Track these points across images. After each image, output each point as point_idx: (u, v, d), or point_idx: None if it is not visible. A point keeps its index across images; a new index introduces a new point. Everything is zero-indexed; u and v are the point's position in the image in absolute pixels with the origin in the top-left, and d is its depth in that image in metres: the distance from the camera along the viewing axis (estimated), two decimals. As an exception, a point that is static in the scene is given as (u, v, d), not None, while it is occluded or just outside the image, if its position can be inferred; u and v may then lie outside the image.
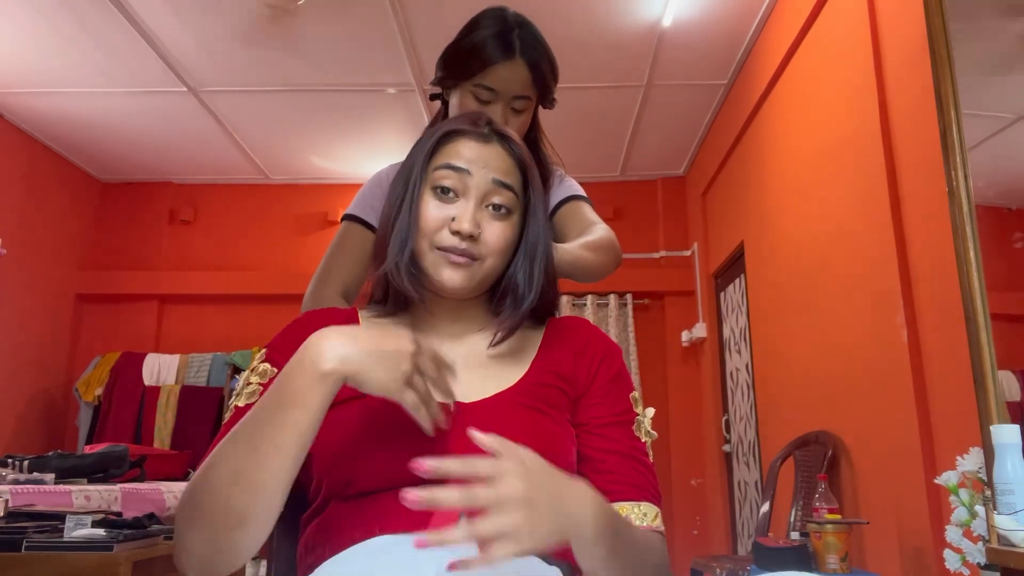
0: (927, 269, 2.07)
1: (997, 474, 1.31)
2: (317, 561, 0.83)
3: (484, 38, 1.36)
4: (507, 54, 1.35)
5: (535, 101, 1.42)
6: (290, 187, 5.07)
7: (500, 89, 1.36)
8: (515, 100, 1.37)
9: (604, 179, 4.94)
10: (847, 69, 2.55)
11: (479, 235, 0.90)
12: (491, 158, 0.93)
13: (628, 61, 3.62)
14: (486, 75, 1.35)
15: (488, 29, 1.37)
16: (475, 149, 0.93)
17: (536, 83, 1.38)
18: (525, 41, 1.36)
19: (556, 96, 1.46)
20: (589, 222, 1.41)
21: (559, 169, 1.54)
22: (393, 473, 0.82)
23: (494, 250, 0.91)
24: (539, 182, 0.98)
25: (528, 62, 1.36)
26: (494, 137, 0.96)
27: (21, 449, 4.09)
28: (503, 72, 1.35)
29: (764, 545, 2.23)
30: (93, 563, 1.83)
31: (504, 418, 0.87)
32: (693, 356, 4.73)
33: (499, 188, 0.92)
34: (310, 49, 3.53)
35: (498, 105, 1.37)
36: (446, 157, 0.93)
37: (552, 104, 1.47)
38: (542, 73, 1.38)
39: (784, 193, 3.21)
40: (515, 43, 1.35)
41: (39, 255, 4.45)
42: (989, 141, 1.75)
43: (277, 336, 0.95)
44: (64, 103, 4.03)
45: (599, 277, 1.32)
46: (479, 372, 0.92)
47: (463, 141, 0.94)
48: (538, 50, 1.38)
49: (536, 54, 1.37)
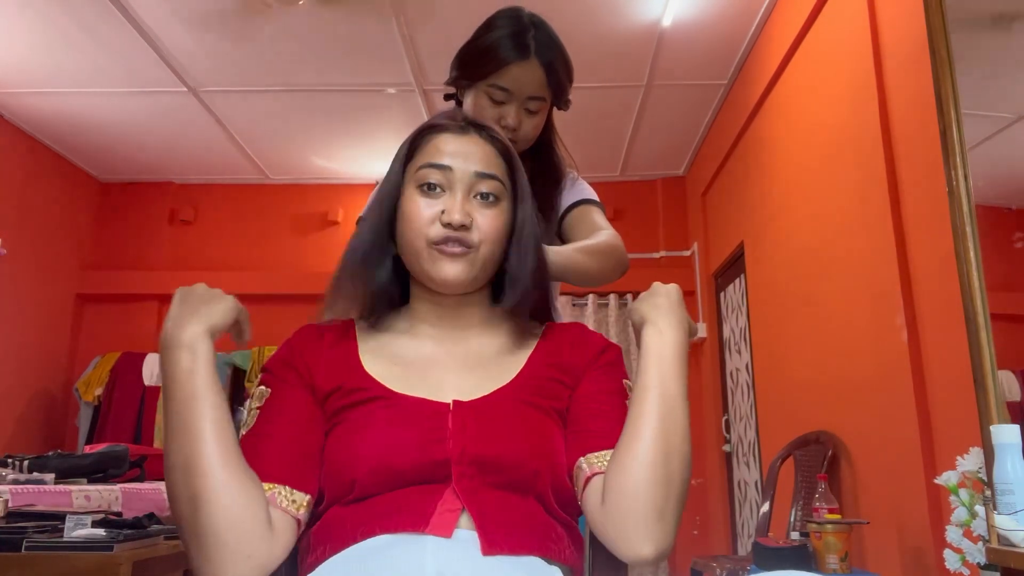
0: (927, 269, 2.07)
1: (997, 474, 1.31)
2: (317, 560, 0.83)
3: (499, 38, 1.35)
4: (522, 54, 1.34)
5: (549, 102, 1.41)
6: (290, 187, 5.07)
7: (514, 89, 1.35)
8: (529, 101, 1.36)
9: (604, 179, 4.93)
10: (847, 69, 2.55)
11: (471, 224, 0.90)
12: (471, 150, 0.93)
13: (628, 61, 3.62)
14: (500, 75, 1.35)
15: (503, 29, 1.36)
16: (454, 143, 0.94)
17: (551, 84, 1.37)
18: (540, 41, 1.35)
19: (571, 98, 1.46)
20: (596, 227, 1.39)
21: (572, 171, 1.53)
22: (395, 477, 0.82)
23: (488, 236, 0.91)
24: (522, 168, 0.98)
25: (543, 63, 1.35)
26: (471, 128, 0.96)
27: (21, 449, 4.09)
28: (517, 72, 1.34)
29: (764, 545, 2.23)
30: (93, 563, 1.83)
31: (503, 415, 0.87)
32: (693, 356, 4.73)
33: (483, 179, 0.92)
34: (310, 49, 3.53)
35: (512, 105, 1.36)
36: (427, 156, 0.93)
37: (567, 106, 1.45)
38: (557, 74, 1.37)
39: (784, 193, 3.21)
40: (530, 43, 1.34)
41: (39, 255, 4.44)
42: (989, 141, 1.75)
43: (271, 359, 0.95)
44: (64, 103, 4.03)
45: (596, 282, 1.31)
46: (478, 372, 0.92)
47: (441, 136, 0.95)
48: (553, 51, 1.37)
49: (551, 55, 1.36)
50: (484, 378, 0.91)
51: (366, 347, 0.95)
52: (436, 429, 0.84)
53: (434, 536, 0.79)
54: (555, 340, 0.98)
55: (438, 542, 0.78)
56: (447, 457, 0.82)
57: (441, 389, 0.89)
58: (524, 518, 0.83)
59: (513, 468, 0.83)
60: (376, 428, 0.85)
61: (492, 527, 0.80)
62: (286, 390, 0.90)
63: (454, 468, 0.82)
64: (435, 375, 0.91)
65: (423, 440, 0.83)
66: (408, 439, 0.83)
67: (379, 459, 0.82)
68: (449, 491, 0.82)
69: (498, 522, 0.81)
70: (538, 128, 1.41)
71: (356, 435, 0.85)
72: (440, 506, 0.81)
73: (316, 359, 0.92)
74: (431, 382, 0.90)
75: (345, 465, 0.84)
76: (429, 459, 0.82)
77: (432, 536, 0.79)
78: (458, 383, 0.90)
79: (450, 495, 0.82)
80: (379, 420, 0.85)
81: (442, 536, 0.79)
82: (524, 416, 0.88)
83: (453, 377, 0.91)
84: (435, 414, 0.85)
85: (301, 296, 4.31)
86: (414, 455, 0.82)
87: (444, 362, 0.93)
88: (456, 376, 0.91)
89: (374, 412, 0.86)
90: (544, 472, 0.85)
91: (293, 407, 0.88)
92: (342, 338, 0.96)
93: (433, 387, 0.89)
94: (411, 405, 0.86)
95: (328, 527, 0.84)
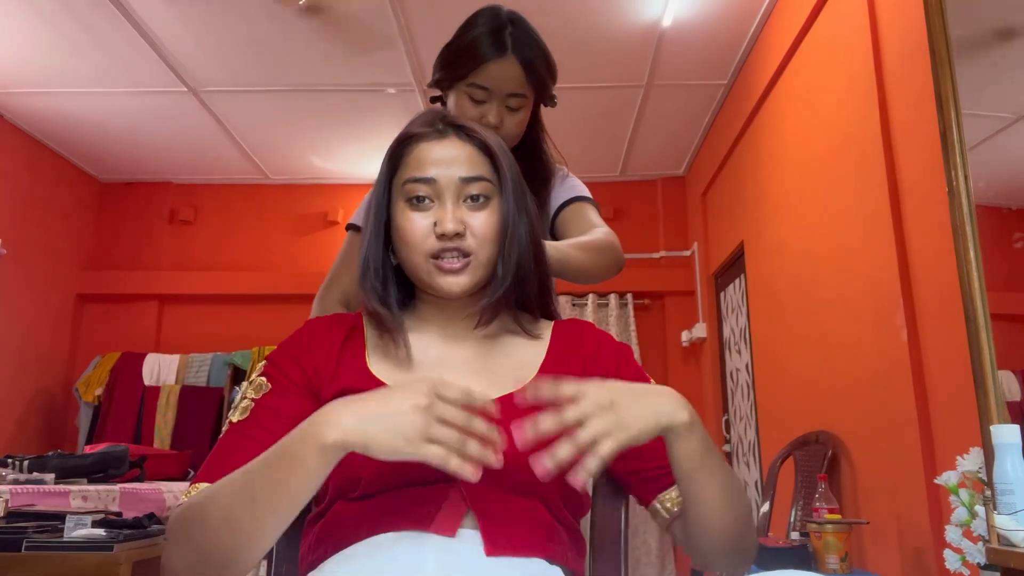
0: (927, 269, 2.06)
1: (997, 474, 1.31)
2: (321, 558, 0.83)
3: (476, 36, 1.35)
4: (499, 51, 1.33)
5: (532, 99, 1.40)
6: (290, 187, 5.07)
7: (493, 87, 1.35)
8: (509, 98, 1.36)
9: (604, 179, 4.93)
10: (847, 69, 2.55)
11: (464, 231, 0.90)
12: (454, 155, 0.92)
13: (628, 61, 3.62)
14: (479, 74, 1.34)
15: (481, 28, 1.35)
16: (435, 150, 0.93)
17: (531, 81, 1.36)
18: (517, 38, 1.35)
19: (556, 94, 1.45)
20: (591, 225, 1.39)
21: (563, 168, 1.52)
22: (401, 473, 0.82)
23: (484, 239, 0.91)
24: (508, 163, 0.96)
25: (521, 59, 1.34)
26: (450, 131, 0.95)
27: (21, 449, 4.09)
28: (495, 70, 1.34)
29: (764, 545, 2.23)
30: (93, 563, 1.83)
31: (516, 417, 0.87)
32: (693, 356, 4.73)
33: (470, 182, 0.92)
34: (310, 49, 3.53)
35: (493, 104, 1.35)
36: (410, 170, 0.93)
37: (553, 102, 1.45)
38: (536, 70, 1.36)
39: (784, 193, 3.21)
40: (507, 40, 1.34)
41: (39, 255, 4.44)
42: (989, 141, 1.75)
43: (278, 348, 0.94)
44: (64, 103, 4.03)
45: (593, 279, 1.31)
46: (484, 375, 0.92)
47: (420, 146, 0.94)
48: (531, 47, 1.36)
49: (529, 51, 1.35)
50: (492, 383, 0.90)
51: (373, 346, 0.94)
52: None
53: (437, 535, 0.79)
54: (569, 351, 0.97)
55: (441, 541, 0.78)
56: None
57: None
58: (528, 520, 0.83)
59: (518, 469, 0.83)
60: None
61: (495, 528, 0.80)
62: (285, 394, 0.89)
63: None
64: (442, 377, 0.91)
65: None
66: None
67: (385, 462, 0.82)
68: (454, 490, 0.82)
69: (502, 523, 0.81)
70: (521, 125, 1.40)
71: None
72: (445, 505, 0.81)
73: (324, 359, 0.91)
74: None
75: (351, 467, 0.83)
76: None
77: (435, 535, 0.79)
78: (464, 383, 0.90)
79: (455, 494, 0.82)
80: None
81: (446, 535, 0.79)
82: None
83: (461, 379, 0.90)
84: None
85: (300, 296, 4.31)
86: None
87: (451, 363, 0.93)
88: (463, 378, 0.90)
89: None
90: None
91: (288, 414, 0.86)
92: (351, 335, 0.95)
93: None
94: None
95: (332, 525, 0.84)
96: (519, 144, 1.43)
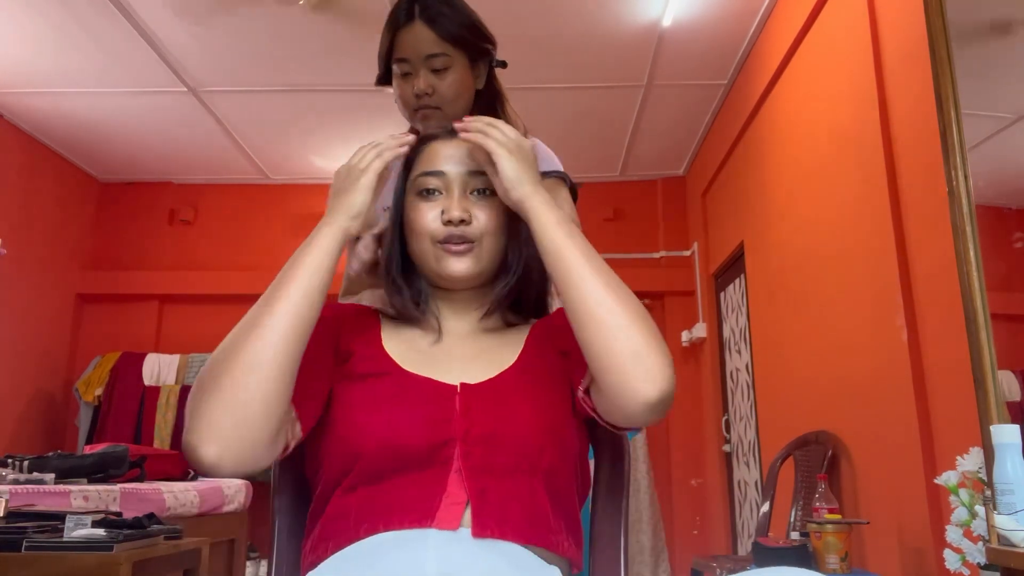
0: (927, 269, 2.06)
1: (997, 474, 1.31)
2: (321, 557, 0.83)
3: (388, 18, 1.39)
4: (407, 19, 1.37)
5: (461, 59, 1.39)
6: (290, 187, 5.07)
7: (410, 55, 1.37)
8: (429, 60, 1.37)
9: (604, 179, 4.93)
10: (847, 69, 2.55)
11: (470, 219, 0.95)
12: (462, 154, 0.99)
13: (628, 61, 3.62)
14: (396, 48, 1.38)
15: (392, 10, 1.40)
16: (445, 148, 1.00)
17: (445, 37, 1.36)
18: (423, 4, 1.37)
19: (494, 51, 1.44)
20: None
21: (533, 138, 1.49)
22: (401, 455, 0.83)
23: (488, 229, 0.96)
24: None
25: (426, 20, 1.36)
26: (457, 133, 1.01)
27: (21, 449, 4.09)
28: (406, 37, 1.37)
29: (764, 545, 2.23)
30: (93, 563, 1.82)
31: (507, 394, 0.90)
32: (693, 356, 4.73)
33: (476, 175, 0.97)
34: (310, 49, 3.53)
35: (419, 73, 1.37)
36: (422, 165, 1.00)
37: (495, 62, 1.45)
38: (445, 26, 1.36)
39: (784, 193, 3.21)
40: (414, 9, 1.36)
41: (39, 255, 4.44)
42: (989, 141, 1.75)
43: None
44: (64, 103, 4.03)
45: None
46: (482, 359, 0.96)
47: (432, 145, 1.01)
48: (436, 7, 1.37)
49: (433, 12, 1.37)
50: (488, 365, 0.94)
51: (387, 327, 1.00)
52: (443, 409, 0.87)
53: (439, 531, 0.79)
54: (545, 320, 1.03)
55: (442, 538, 0.79)
56: (453, 436, 0.85)
57: (450, 373, 0.92)
58: (523, 506, 0.84)
59: (518, 443, 0.85)
60: (384, 405, 0.87)
61: (487, 511, 0.81)
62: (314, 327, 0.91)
63: (459, 447, 0.84)
64: (444, 362, 0.94)
65: (430, 419, 0.86)
66: (415, 417, 0.86)
67: (386, 435, 0.84)
68: (452, 477, 0.83)
69: (494, 507, 0.82)
70: (455, 86, 1.39)
71: (363, 411, 0.87)
72: (445, 499, 0.82)
73: (343, 323, 0.98)
74: (440, 367, 0.93)
75: (351, 440, 0.85)
76: (436, 438, 0.84)
77: (437, 531, 0.79)
78: (464, 367, 0.93)
79: (454, 483, 0.83)
80: (387, 398, 0.88)
81: (448, 530, 0.80)
82: (528, 394, 0.91)
83: (460, 364, 0.95)
84: (442, 395, 0.88)
85: (301, 296, 4.30)
86: (421, 433, 0.85)
87: (454, 351, 0.97)
88: (463, 363, 0.95)
89: (382, 389, 0.89)
90: (549, 447, 0.87)
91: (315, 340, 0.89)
92: (367, 315, 1.02)
93: (442, 372, 0.92)
94: (419, 385, 0.90)
95: (332, 523, 0.85)
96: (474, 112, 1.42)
